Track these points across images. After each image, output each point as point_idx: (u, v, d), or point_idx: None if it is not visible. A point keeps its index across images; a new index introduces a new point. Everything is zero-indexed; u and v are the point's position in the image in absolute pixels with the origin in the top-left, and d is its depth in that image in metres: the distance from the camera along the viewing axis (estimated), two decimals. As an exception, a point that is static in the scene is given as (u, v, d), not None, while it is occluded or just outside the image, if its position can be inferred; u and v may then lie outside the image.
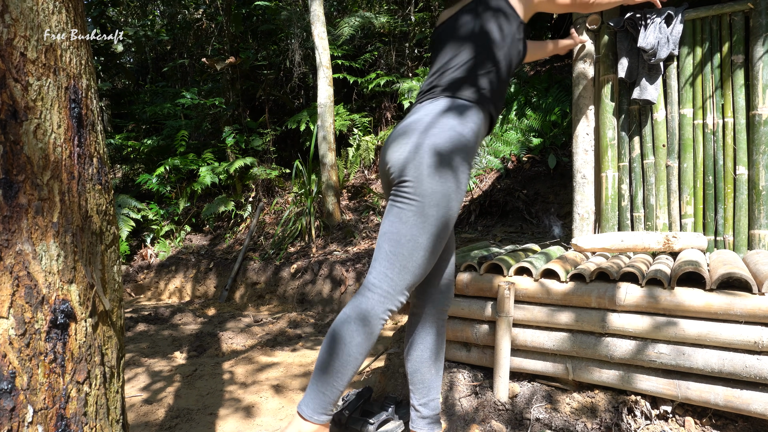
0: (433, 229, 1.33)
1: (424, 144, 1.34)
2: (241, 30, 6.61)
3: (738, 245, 2.09)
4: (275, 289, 4.49)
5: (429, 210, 1.32)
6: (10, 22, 0.79)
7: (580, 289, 1.67)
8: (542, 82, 5.40)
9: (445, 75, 1.46)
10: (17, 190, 0.79)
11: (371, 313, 1.33)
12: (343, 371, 1.33)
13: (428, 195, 1.32)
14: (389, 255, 1.34)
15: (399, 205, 1.34)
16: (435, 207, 1.32)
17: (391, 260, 1.33)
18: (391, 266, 1.33)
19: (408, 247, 1.33)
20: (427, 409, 1.55)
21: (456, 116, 1.39)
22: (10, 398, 0.76)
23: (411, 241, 1.32)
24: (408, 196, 1.33)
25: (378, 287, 1.34)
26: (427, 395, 1.54)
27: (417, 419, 1.55)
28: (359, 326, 1.32)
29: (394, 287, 1.33)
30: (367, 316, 1.33)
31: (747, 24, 2.09)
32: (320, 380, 1.34)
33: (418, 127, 1.38)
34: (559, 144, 4.61)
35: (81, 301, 0.86)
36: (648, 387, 1.58)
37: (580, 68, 2.38)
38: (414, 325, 1.55)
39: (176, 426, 1.94)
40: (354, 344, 1.32)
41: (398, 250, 1.33)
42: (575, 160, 2.42)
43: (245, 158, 5.71)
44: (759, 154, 2.03)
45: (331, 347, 1.34)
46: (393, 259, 1.33)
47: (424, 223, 1.32)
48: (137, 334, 3.35)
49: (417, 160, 1.33)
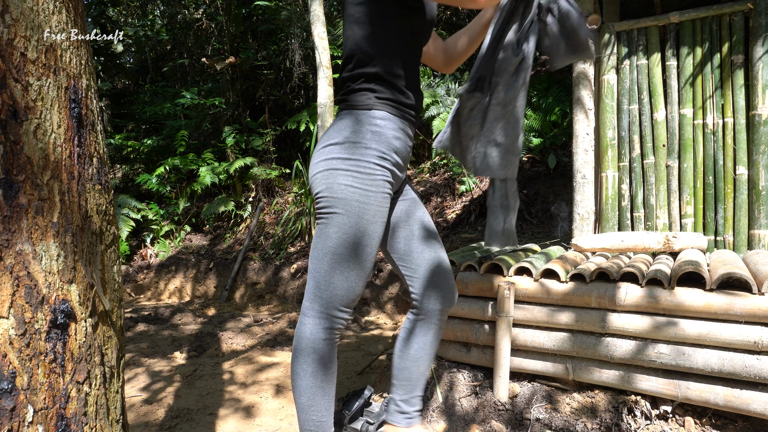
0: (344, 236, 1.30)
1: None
2: (241, 30, 6.61)
3: (738, 245, 2.09)
4: (275, 289, 4.49)
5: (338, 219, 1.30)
6: (11, 22, 0.79)
7: (580, 289, 1.67)
8: (542, 82, 5.40)
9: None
10: (17, 190, 0.79)
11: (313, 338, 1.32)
12: (315, 404, 1.33)
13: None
14: (312, 273, 1.32)
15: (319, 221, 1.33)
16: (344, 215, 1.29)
17: (314, 278, 1.32)
18: (316, 285, 1.32)
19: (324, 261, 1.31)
20: (407, 405, 1.52)
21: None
22: (11, 398, 0.76)
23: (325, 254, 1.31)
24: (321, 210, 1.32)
25: (309, 309, 1.32)
26: (410, 392, 1.52)
27: (395, 413, 1.53)
28: (307, 356, 1.32)
29: (325, 305, 1.31)
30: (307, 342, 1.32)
31: (747, 24, 2.09)
32: (302, 419, 1.34)
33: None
34: (559, 144, 4.61)
35: (81, 301, 0.86)
36: (648, 387, 1.58)
37: (580, 68, 2.38)
38: (412, 324, 1.54)
39: (176, 426, 1.94)
40: (308, 375, 1.31)
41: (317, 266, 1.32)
42: (575, 160, 2.42)
43: (245, 158, 5.71)
44: (759, 154, 2.03)
45: (294, 387, 1.33)
46: (315, 276, 1.32)
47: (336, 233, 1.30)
48: (137, 334, 3.35)
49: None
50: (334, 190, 1.27)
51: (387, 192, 1.31)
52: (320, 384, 1.33)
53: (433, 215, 4.54)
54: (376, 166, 1.29)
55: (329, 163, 1.29)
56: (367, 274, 1.36)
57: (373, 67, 1.31)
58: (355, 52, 1.32)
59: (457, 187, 4.76)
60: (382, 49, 1.31)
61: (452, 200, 4.71)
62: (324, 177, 1.29)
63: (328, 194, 1.28)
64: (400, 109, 1.34)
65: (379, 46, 1.31)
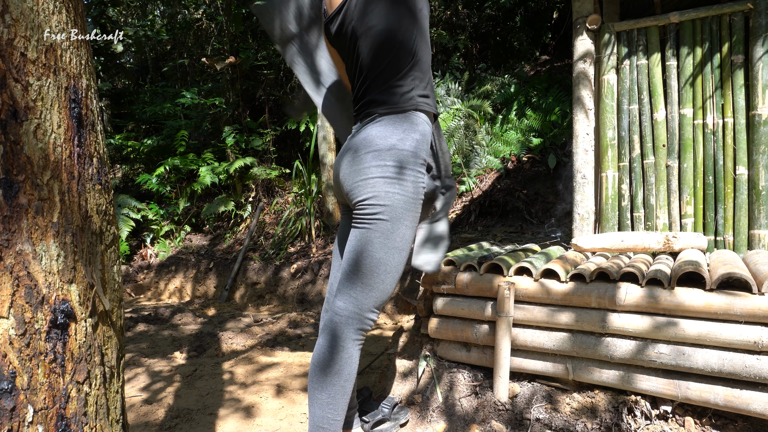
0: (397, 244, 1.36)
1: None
2: (241, 30, 6.61)
3: (738, 245, 2.09)
4: (275, 289, 4.49)
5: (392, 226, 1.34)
6: (11, 22, 0.79)
7: (580, 289, 1.67)
8: (542, 82, 5.40)
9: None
10: (17, 190, 0.78)
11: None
12: (334, 402, 1.37)
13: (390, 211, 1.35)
14: (350, 276, 1.38)
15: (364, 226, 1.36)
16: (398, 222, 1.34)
17: (353, 281, 1.38)
18: (354, 287, 1.37)
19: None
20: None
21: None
22: (11, 398, 0.76)
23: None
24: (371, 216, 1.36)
25: (344, 310, 1.37)
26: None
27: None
28: (336, 355, 1.36)
29: (360, 307, 1.36)
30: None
31: (747, 24, 2.09)
32: (317, 415, 1.38)
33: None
34: (559, 144, 4.61)
35: (81, 301, 0.86)
36: (648, 387, 1.58)
37: (580, 68, 2.38)
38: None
39: (176, 426, 1.94)
40: (334, 373, 1.36)
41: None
42: (575, 160, 2.42)
43: (245, 158, 5.70)
44: (759, 154, 2.03)
45: (318, 382, 1.37)
46: (354, 279, 1.38)
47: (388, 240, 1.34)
48: (137, 334, 3.35)
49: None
50: (382, 197, 1.31)
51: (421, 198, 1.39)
52: (343, 383, 1.34)
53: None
54: (420, 174, 1.37)
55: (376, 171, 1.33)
56: (401, 275, 1.45)
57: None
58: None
59: (457, 187, 4.76)
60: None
61: (452, 200, 4.70)
62: (372, 184, 1.32)
63: (376, 201, 1.32)
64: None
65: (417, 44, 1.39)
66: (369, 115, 1.37)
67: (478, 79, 5.80)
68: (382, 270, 1.33)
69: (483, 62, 6.45)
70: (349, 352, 1.34)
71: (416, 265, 1.54)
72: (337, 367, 1.33)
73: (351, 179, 1.34)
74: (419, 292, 2.04)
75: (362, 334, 1.36)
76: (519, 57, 6.34)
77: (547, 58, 6.30)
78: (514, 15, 6.41)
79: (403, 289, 3.73)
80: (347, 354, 1.34)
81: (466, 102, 5.18)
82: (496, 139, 4.95)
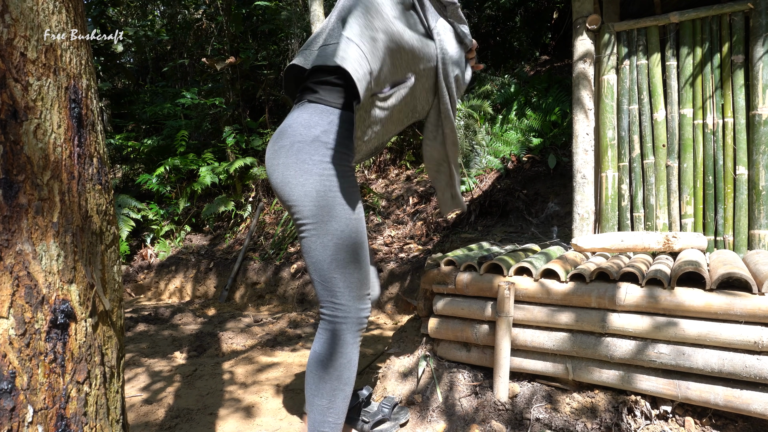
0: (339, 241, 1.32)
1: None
2: (241, 30, 6.61)
3: (738, 245, 2.09)
4: (275, 289, 4.49)
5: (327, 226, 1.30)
6: (10, 22, 0.79)
7: (580, 289, 1.67)
8: (542, 82, 5.40)
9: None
10: (17, 190, 0.78)
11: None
12: (334, 407, 1.35)
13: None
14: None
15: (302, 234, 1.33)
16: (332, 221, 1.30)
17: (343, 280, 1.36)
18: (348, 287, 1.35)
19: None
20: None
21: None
22: (10, 398, 0.76)
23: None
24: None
25: (340, 308, 1.34)
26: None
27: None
28: (335, 358, 1.34)
29: (349, 303, 1.34)
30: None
31: (747, 24, 2.09)
32: (318, 420, 1.36)
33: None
34: (559, 144, 4.61)
35: (81, 301, 0.86)
36: (648, 387, 1.58)
37: (580, 68, 2.38)
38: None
39: (176, 426, 1.94)
40: (334, 378, 1.33)
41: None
42: (575, 160, 2.42)
43: (245, 158, 5.70)
44: (759, 154, 2.03)
45: (315, 388, 1.34)
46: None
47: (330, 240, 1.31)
48: (137, 334, 3.35)
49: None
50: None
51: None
52: (342, 387, 1.32)
53: (434, 215, 4.54)
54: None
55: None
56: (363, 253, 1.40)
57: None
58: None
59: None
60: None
61: (452, 200, 4.70)
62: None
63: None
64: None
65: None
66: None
67: (478, 79, 5.80)
68: (335, 266, 1.29)
69: (483, 62, 6.45)
70: (348, 355, 1.32)
71: (446, 212, 1.67)
72: (336, 371, 1.32)
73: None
74: (419, 292, 2.04)
75: (359, 334, 1.34)
76: (519, 57, 6.34)
77: (547, 58, 6.30)
78: (514, 15, 6.41)
79: (403, 289, 3.73)
80: (346, 358, 1.32)
81: (466, 102, 5.18)
82: (496, 139, 4.95)
